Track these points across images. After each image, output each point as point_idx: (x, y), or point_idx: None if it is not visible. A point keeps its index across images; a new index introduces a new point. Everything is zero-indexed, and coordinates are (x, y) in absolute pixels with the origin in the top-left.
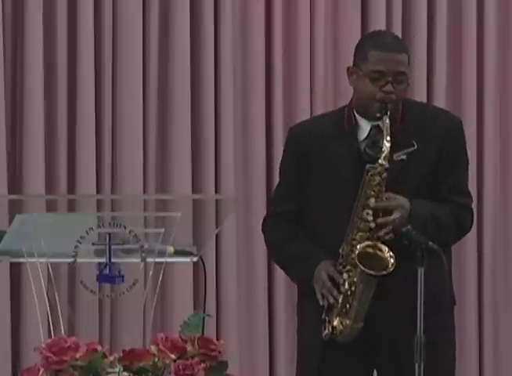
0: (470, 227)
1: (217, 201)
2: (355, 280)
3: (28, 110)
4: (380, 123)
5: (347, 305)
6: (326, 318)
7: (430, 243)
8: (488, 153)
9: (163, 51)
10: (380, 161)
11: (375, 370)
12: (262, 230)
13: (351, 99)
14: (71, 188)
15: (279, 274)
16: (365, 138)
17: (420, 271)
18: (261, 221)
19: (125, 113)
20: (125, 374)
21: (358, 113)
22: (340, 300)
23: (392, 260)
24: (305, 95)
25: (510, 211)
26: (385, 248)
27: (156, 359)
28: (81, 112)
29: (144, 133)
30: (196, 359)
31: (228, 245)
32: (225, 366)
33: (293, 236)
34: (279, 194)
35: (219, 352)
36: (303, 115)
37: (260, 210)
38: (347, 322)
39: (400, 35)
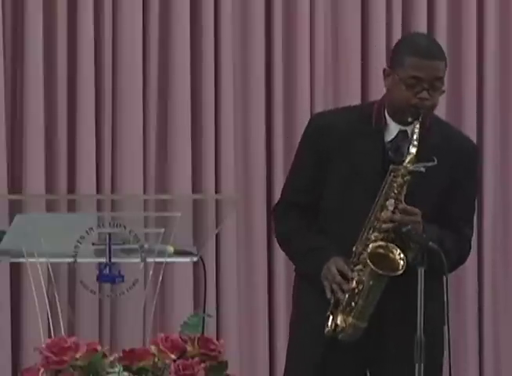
0: (466, 260)
1: (217, 201)
2: (364, 278)
3: (28, 110)
4: (408, 128)
5: (353, 303)
6: (331, 315)
7: (431, 243)
8: (488, 154)
9: (163, 51)
10: (404, 164)
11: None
12: (273, 215)
13: (383, 97)
14: (71, 188)
15: (280, 274)
16: (391, 140)
17: (421, 271)
18: (261, 221)
19: (125, 113)
20: (125, 374)
21: (388, 113)
22: (345, 297)
23: (402, 262)
24: (305, 95)
25: (510, 211)
26: (397, 250)
27: (156, 359)
28: (80, 112)
29: (144, 133)
30: (196, 359)
31: (228, 245)
32: (225, 366)
33: (304, 228)
34: (293, 184)
35: (219, 352)
36: (303, 115)
37: (260, 210)
38: (351, 320)
39: (400, 35)
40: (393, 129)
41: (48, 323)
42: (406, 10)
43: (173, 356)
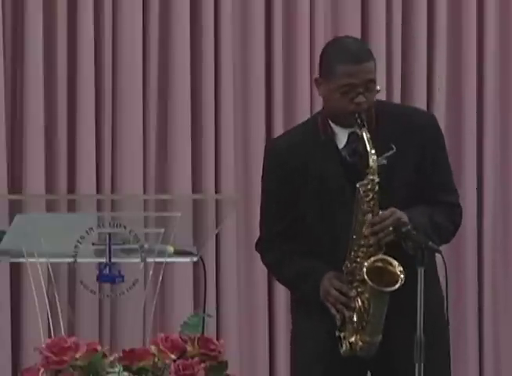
0: (460, 223)
1: (217, 201)
2: (367, 295)
3: (28, 110)
4: (358, 132)
5: (364, 322)
6: (341, 334)
7: (430, 243)
8: (488, 154)
9: (163, 51)
10: (370, 177)
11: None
12: (257, 251)
13: (323, 108)
14: (71, 188)
15: None
16: (345, 146)
17: (420, 271)
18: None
19: (125, 113)
20: (125, 374)
21: (332, 121)
22: (355, 317)
23: (402, 275)
24: (305, 95)
25: (510, 211)
26: (395, 262)
27: (156, 359)
28: (80, 112)
29: (144, 133)
30: (196, 359)
31: (228, 245)
32: (225, 366)
33: (289, 255)
34: (267, 217)
35: (219, 352)
36: (303, 115)
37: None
38: (366, 338)
39: (400, 35)
40: (342, 135)
41: (48, 323)
42: (406, 10)
43: (173, 356)
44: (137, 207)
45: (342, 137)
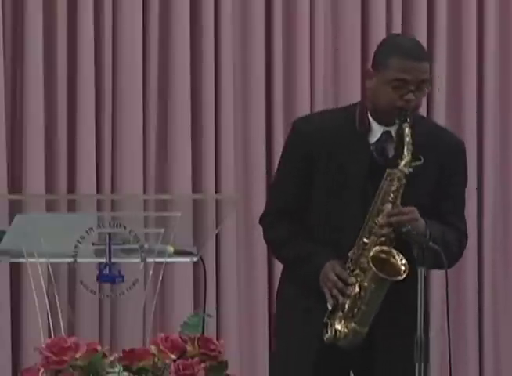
0: (463, 252)
1: (217, 201)
2: (365, 284)
3: (28, 110)
4: (391, 129)
5: (355, 309)
6: (328, 321)
7: (431, 243)
8: (488, 154)
9: (163, 51)
10: (400, 167)
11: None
12: (261, 225)
13: (365, 98)
14: (71, 188)
15: (280, 274)
16: (376, 142)
17: (421, 271)
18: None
19: (125, 113)
20: (125, 374)
21: (371, 115)
22: (347, 304)
23: (404, 268)
24: (305, 95)
25: (510, 211)
26: (399, 256)
27: (156, 359)
28: (80, 112)
29: (144, 133)
30: (196, 359)
31: (228, 245)
32: (225, 366)
33: (295, 235)
34: (280, 191)
35: (219, 352)
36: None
37: (260, 210)
38: (353, 325)
39: None
40: (377, 130)
41: (48, 323)
42: (406, 10)
43: (173, 356)
44: (137, 207)
45: (376, 134)
